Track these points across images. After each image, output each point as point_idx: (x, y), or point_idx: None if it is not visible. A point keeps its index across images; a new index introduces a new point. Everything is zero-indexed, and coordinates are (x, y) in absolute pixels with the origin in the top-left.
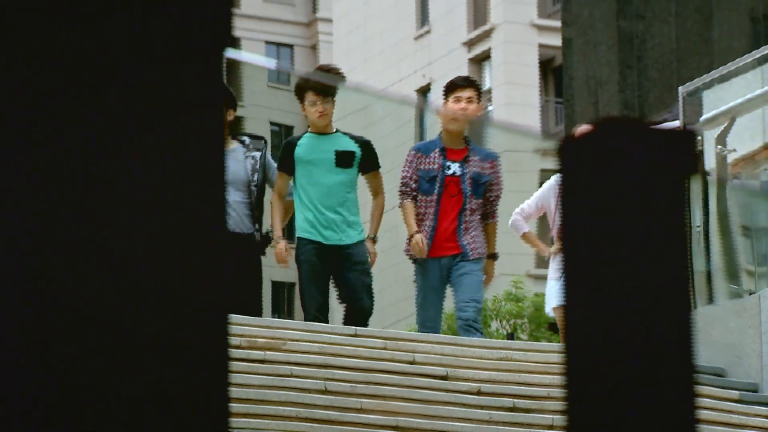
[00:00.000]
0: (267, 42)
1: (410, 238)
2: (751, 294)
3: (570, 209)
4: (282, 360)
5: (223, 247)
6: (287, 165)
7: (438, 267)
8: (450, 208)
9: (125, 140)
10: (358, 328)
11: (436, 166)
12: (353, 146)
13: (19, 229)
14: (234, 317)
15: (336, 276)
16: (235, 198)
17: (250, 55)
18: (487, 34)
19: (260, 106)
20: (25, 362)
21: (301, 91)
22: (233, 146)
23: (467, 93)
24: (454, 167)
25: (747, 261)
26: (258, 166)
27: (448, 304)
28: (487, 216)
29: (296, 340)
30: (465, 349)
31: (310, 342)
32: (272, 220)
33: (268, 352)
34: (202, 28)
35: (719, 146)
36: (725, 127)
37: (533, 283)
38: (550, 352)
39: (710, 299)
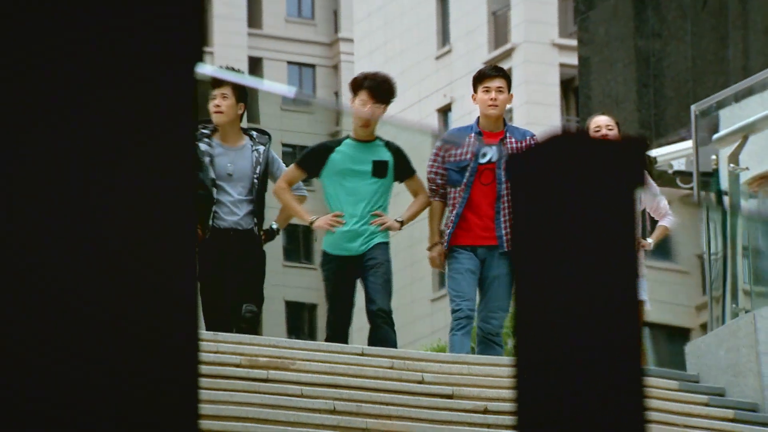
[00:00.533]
0: (289, 62)
1: (430, 247)
2: (746, 312)
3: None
4: (291, 380)
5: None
6: (313, 166)
7: (474, 255)
8: (483, 196)
9: (101, 151)
10: (365, 347)
11: (468, 156)
12: (387, 155)
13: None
14: (240, 337)
15: (361, 279)
16: (237, 195)
17: (272, 83)
18: (507, 54)
19: (274, 129)
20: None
21: (357, 85)
22: (243, 142)
23: (497, 83)
24: (490, 153)
25: (744, 280)
26: (261, 159)
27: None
28: None
29: (305, 360)
30: (473, 367)
31: (319, 362)
32: (292, 210)
33: (272, 372)
34: (174, 45)
35: (731, 164)
36: (738, 145)
37: None
38: None
39: (721, 321)
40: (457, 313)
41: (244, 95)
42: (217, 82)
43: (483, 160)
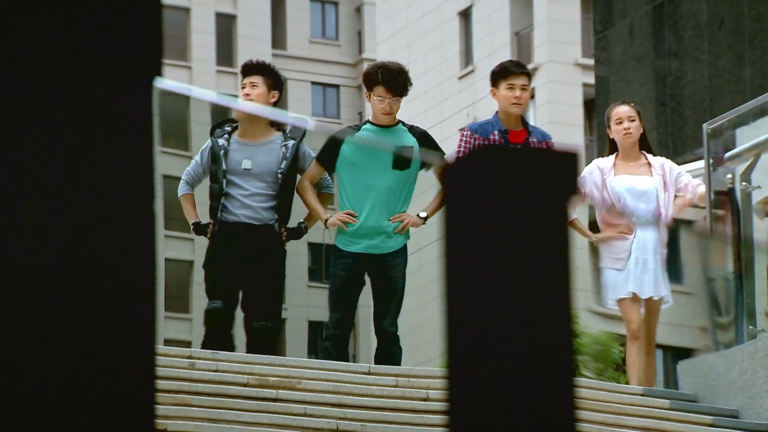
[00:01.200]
0: (313, 83)
1: None
2: (764, 332)
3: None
4: (296, 399)
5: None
6: (333, 159)
7: None
8: None
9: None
10: (371, 365)
11: None
12: (411, 140)
13: None
14: (246, 356)
15: (373, 288)
16: (254, 189)
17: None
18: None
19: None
20: None
21: (371, 80)
22: (269, 137)
23: (521, 80)
24: None
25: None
26: (288, 154)
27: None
28: None
29: (310, 379)
30: None
31: (324, 380)
32: (310, 209)
33: (281, 391)
34: (132, 59)
35: (744, 183)
36: (750, 163)
37: (597, 319)
38: (590, 389)
39: (735, 342)
40: None
41: (278, 83)
42: (246, 70)
43: None
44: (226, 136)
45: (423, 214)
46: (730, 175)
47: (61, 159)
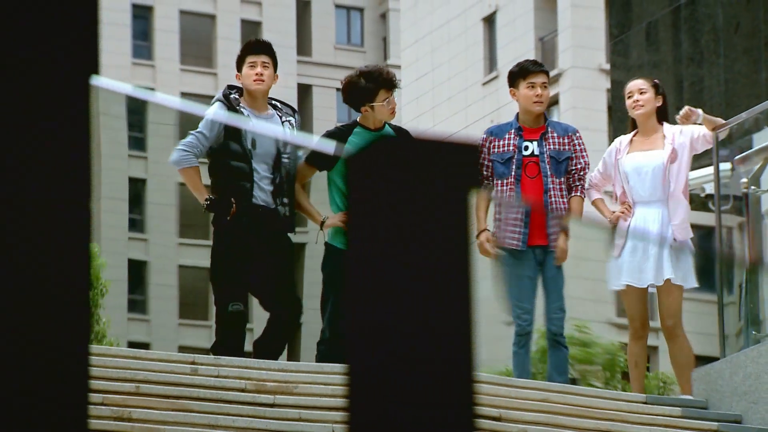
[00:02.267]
0: (338, 89)
1: (477, 234)
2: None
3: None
4: (292, 404)
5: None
6: (324, 160)
7: (533, 256)
8: (532, 191)
9: None
10: None
11: (511, 147)
12: None
13: None
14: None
15: None
16: (263, 171)
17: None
18: (555, 80)
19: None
20: None
21: (368, 91)
22: (268, 111)
23: (541, 78)
24: (532, 147)
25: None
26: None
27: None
28: (570, 189)
29: (307, 383)
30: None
31: (321, 384)
32: (304, 211)
33: (278, 396)
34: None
35: (753, 186)
36: (759, 166)
37: (616, 332)
38: (592, 397)
39: (740, 347)
40: (517, 330)
41: (276, 66)
42: (254, 49)
43: (526, 153)
44: (242, 106)
45: None
46: (744, 180)
47: None
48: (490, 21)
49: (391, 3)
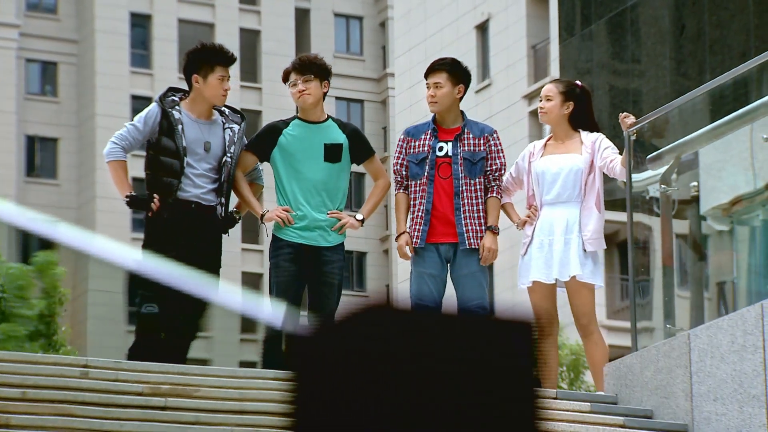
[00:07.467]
0: (337, 98)
1: (397, 237)
2: (682, 332)
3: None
4: (188, 407)
5: None
6: (263, 148)
7: (436, 254)
8: (444, 191)
9: None
10: (278, 371)
11: (426, 148)
12: (341, 137)
13: None
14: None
15: (309, 281)
16: (203, 170)
17: None
18: None
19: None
20: None
21: (286, 76)
22: (214, 117)
23: (435, 78)
24: (447, 147)
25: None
26: (236, 138)
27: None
28: (487, 191)
29: (211, 386)
30: None
31: (225, 388)
32: (243, 200)
33: (170, 399)
34: None
35: (663, 186)
36: (670, 166)
37: (606, 333)
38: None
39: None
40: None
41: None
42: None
43: (440, 154)
44: (177, 108)
45: (359, 217)
46: (695, 183)
47: None
48: (482, 29)
49: (390, 12)
